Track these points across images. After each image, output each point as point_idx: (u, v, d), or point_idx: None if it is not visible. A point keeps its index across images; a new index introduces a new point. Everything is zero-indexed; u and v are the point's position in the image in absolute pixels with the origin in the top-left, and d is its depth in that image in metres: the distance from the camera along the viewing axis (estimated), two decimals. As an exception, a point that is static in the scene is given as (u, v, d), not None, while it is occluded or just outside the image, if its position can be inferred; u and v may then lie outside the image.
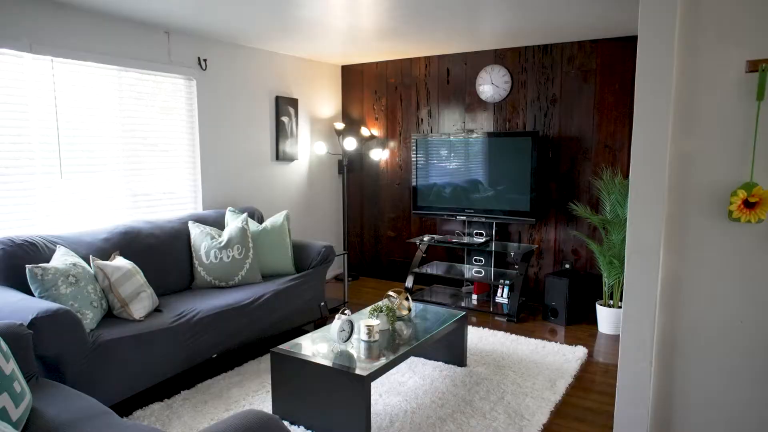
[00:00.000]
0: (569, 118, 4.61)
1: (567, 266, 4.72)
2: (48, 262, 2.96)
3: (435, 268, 4.99)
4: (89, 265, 3.11)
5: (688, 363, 1.97)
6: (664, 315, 1.99)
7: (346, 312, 2.85)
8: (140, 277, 3.15)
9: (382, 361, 2.60)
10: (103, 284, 2.99)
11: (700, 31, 1.86)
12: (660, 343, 2.00)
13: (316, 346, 2.79)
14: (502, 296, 4.78)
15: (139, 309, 3.03)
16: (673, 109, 1.92)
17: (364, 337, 2.86)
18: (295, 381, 2.66)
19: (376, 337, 2.87)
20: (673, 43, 1.86)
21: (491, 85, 4.90)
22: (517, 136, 4.54)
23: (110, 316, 3.02)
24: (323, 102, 5.60)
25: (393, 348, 2.78)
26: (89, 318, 2.77)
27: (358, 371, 2.46)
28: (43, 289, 2.67)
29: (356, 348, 2.77)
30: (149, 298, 3.13)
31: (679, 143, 1.92)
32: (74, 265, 2.85)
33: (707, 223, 1.91)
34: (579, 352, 3.68)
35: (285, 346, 2.78)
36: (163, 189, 4.13)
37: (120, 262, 3.15)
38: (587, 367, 3.52)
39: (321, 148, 5.38)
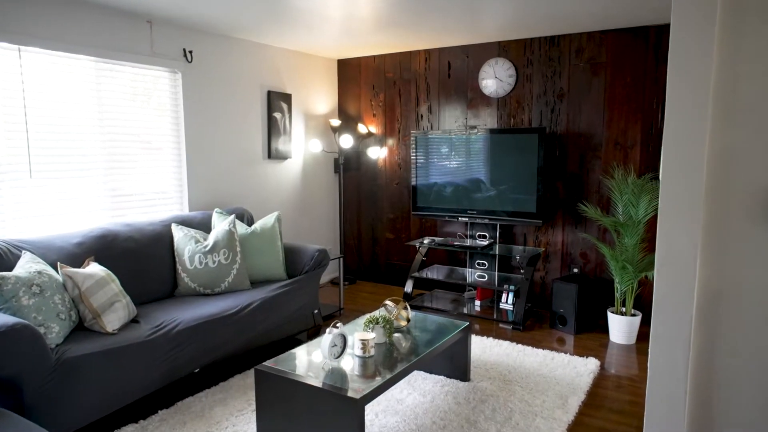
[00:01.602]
0: (578, 114, 4.35)
1: (575, 270, 4.47)
2: (11, 269, 2.70)
3: (436, 273, 4.73)
4: (58, 272, 2.85)
5: (729, 391, 1.72)
6: (700, 335, 1.73)
7: (338, 325, 2.59)
8: (115, 285, 2.90)
9: (378, 380, 2.34)
10: (73, 294, 2.73)
11: (744, 10, 1.60)
12: (696, 367, 1.74)
13: (305, 363, 2.53)
14: (506, 302, 4.52)
15: (112, 320, 2.77)
16: (712, 99, 1.66)
17: (359, 352, 2.60)
18: (282, 402, 2.40)
19: (372, 352, 2.61)
20: (714, 23, 1.60)
21: (495, 79, 4.64)
22: (522, 133, 4.28)
23: (82, 328, 2.76)
24: (318, 97, 5.34)
25: (390, 364, 2.52)
26: (55, 332, 2.51)
27: (350, 393, 2.21)
28: (2, 300, 2.41)
29: (350, 365, 2.52)
30: (125, 308, 2.87)
31: (719, 137, 1.66)
32: (39, 273, 2.59)
33: (753, 229, 1.65)
34: (591, 365, 3.43)
35: (271, 363, 2.52)
36: (146, 189, 3.87)
37: (93, 268, 2.89)
38: (600, 381, 3.27)
39: (316, 146, 5.12)
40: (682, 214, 1.67)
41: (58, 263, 2.79)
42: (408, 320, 3.04)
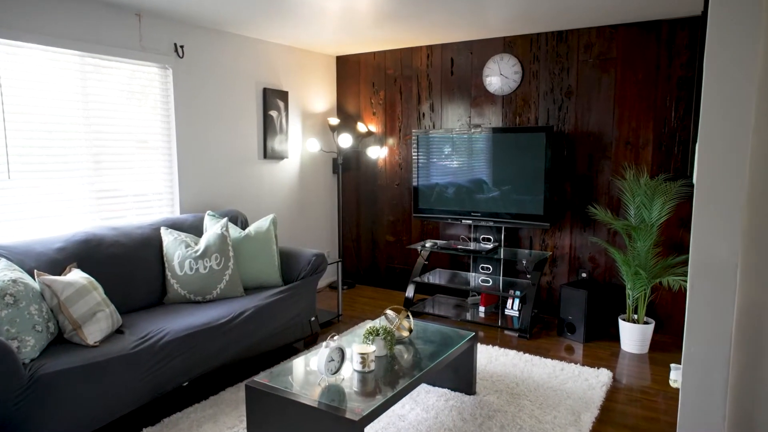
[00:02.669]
0: (586, 112, 4.17)
1: (584, 275, 4.28)
2: (-16, 277, 2.52)
3: (438, 277, 4.55)
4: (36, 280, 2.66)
5: (774, 420, 1.53)
6: (741, 356, 1.55)
7: (335, 337, 2.41)
8: (98, 294, 2.71)
9: (379, 399, 2.16)
10: (51, 303, 2.55)
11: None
12: (736, 391, 1.55)
13: (300, 379, 2.35)
14: (512, 308, 4.34)
15: (94, 332, 2.59)
16: (757, 93, 1.47)
17: (357, 366, 2.42)
18: (275, 421, 2.22)
19: (372, 366, 2.43)
20: (759, 5, 1.42)
21: (500, 76, 4.46)
22: (528, 132, 4.10)
23: (61, 341, 2.58)
24: (316, 95, 5.16)
25: (392, 380, 2.34)
26: (30, 345, 2.33)
27: (348, 414, 2.03)
28: (-28, 312, 2.23)
29: (348, 381, 2.33)
30: (108, 318, 2.69)
31: (763, 134, 1.48)
32: (14, 281, 2.41)
33: (800, 238, 1.47)
34: (603, 376, 3.25)
35: (263, 378, 2.34)
36: (135, 191, 3.69)
37: (74, 276, 2.71)
38: (614, 394, 3.08)
39: (314, 146, 4.94)
40: (721, 219, 1.49)
41: (35, 271, 2.60)
42: (410, 330, 2.85)
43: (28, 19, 3.00)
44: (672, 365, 2.98)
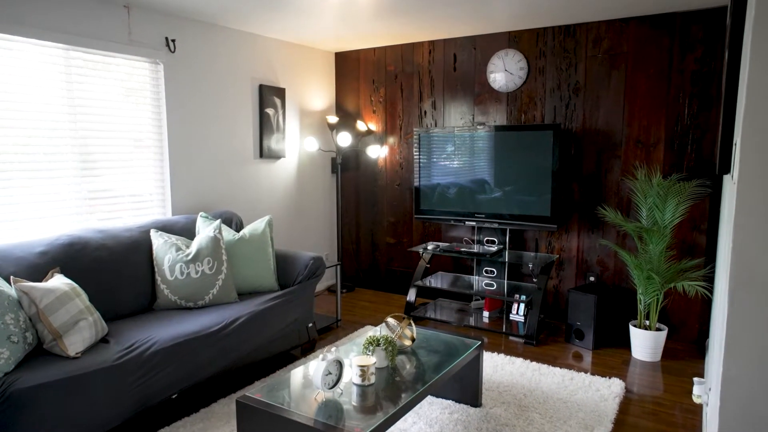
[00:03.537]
0: (595, 110, 4.01)
1: (591, 279, 4.12)
2: (-43, 284, 2.36)
3: (440, 281, 4.38)
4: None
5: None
6: (786, 377, 1.39)
7: (333, 349, 2.25)
8: (80, 302, 2.55)
9: (380, 416, 2.00)
10: (30, 312, 2.38)
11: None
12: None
13: (295, 393, 2.19)
14: (517, 314, 4.18)
15: (75, 342, 2.42)
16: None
17: (357, 379, 2.26)
18: (268, 440, 2.06)
19: (372, 379, 2.27)
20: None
21: (504, 72, 4.30)
22: (534, 130, 3.94)
23: (40, 351, 2.41)
24: (314, 92, 4.99)
25: (393, 395, 2.18)
26: (4, 358, 2.17)
27: (347, 435, 1.87)
28: (-60, 322, 2.07)
29: (346, 395, 2.17)
30: (91, 327, 2.52)
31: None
32: (-12, 289, 2.24)
33: None
34: (615, 387, 3.08)
35: (256, 393, 2.18)
36: (124, 191, 3.52)
37: (56, 282, 2.54)
38: (627, 406, 2.92)
39: (312, 144, 4.77)
40: (766, 222, 1.33)
41: (11, 277, 2.44)
42: (413, 339, 2.69)
43: (9, 10, 2.83)
44: (695, 379, 2.81)
